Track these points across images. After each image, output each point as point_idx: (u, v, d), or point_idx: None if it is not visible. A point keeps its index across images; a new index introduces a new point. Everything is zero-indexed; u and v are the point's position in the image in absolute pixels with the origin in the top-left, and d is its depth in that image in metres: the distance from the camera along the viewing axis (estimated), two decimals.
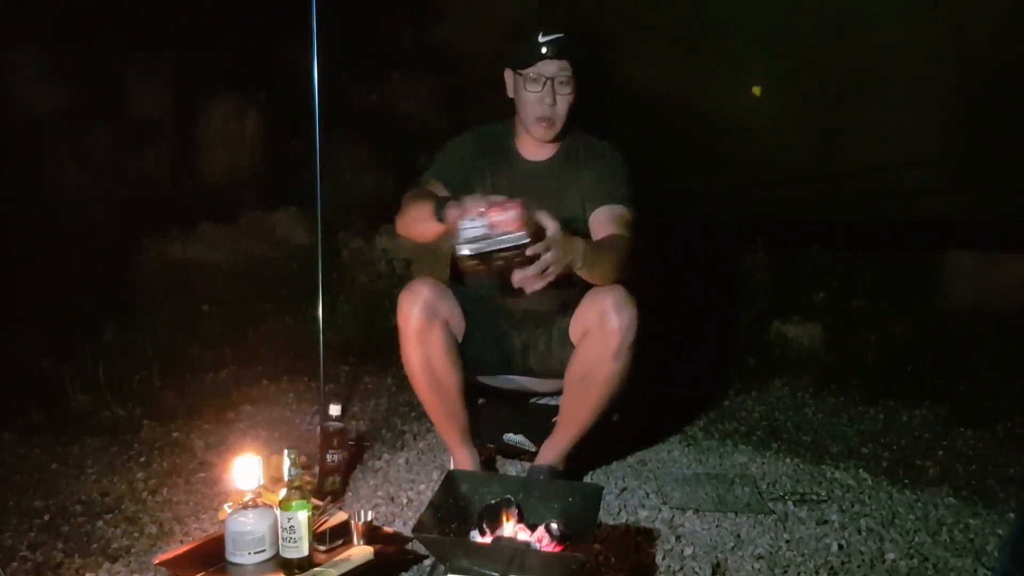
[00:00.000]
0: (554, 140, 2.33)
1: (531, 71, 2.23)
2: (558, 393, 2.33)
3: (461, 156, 2.36)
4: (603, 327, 2.10)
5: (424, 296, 2.18)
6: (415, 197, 2.21)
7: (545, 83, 2.23)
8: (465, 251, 1.78)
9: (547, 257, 1.80)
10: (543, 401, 2.46)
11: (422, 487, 2.39)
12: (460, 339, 2.27)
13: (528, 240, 1.77)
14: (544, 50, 2.21)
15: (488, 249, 1.77)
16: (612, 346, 2.11)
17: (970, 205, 3.06)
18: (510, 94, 2.33)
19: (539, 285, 1.83)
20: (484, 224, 1.77)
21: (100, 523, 2.17)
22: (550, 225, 1.83)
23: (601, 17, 3.21)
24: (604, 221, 2.23)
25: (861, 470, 2.55)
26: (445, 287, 2.24)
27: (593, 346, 2.14)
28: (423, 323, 2.18)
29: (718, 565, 1.97)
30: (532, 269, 1.80)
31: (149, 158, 4.61)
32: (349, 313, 3.71)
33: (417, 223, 2.14)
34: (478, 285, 2.29)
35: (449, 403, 2.29)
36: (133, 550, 2.03)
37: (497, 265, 1.81)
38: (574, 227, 2.20)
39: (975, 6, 2.70)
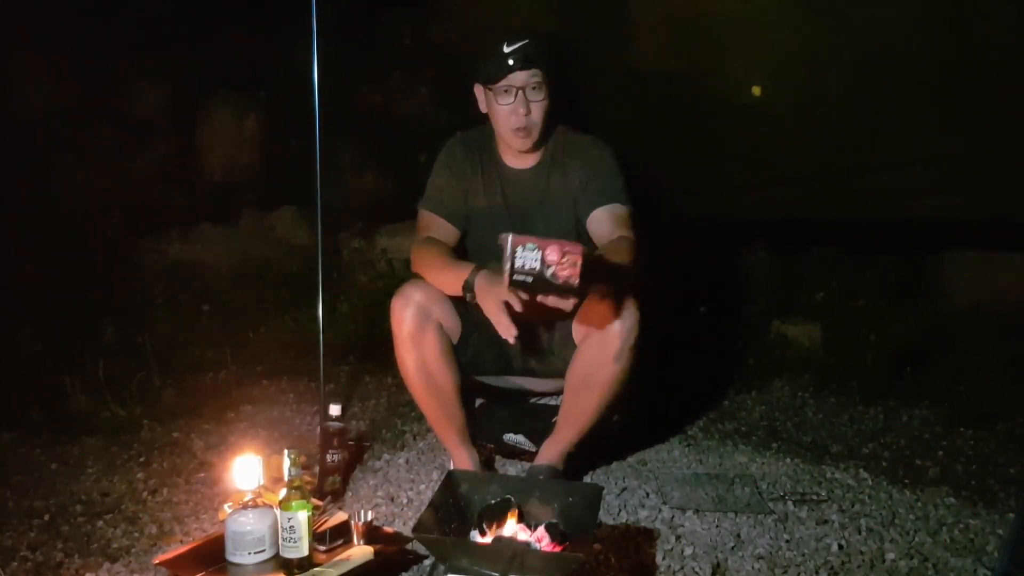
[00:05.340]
0: (536, 147, 2.30)
1: (501, 84, 2.19)
2: (558, 393, 2.33)
3: (450, 174, 2.34)
4: (606, 328, 2.10)
5: (416, 299, 2.17)
6: (429, 250, 2.23)
7: (516, 93, 2.19)
8: (517, 278, 1.74)
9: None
10: (543, 401, 2.46)
11: (422, 487, 2.39)
12: (455, 341, 2.27)
13: (578, 288, 1.75)
14: (511, 61, 2.16)
15: (534, 284, 1.75)
16: (614, 347, 2.11)
17: (970, 205, 3.05)
18: (483, 109, 2.29)
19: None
20: (538, 259, 1.72)
21: (100, 523, 2.17)
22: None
23: (597, 14, 3.21)
24: (604, 222, 2.23)
25: (861, 470, 2.55)
26: (438, 290, 2.22)
27: (595, 347, 2.14)
28: (416, 326, 2.17)
29: (718, 565, 1.97)
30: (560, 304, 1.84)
31: (149, 158, 4.60)
32: (349, 313, 3.71)
33: (441, 285, 2.18)
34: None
35: (446, 405, 2.28)
36: (133, 550, 2.04)
37: (525, 297, 1.83)
38: (566, 231, 2.24)
39: (976, 5, 2.69)
